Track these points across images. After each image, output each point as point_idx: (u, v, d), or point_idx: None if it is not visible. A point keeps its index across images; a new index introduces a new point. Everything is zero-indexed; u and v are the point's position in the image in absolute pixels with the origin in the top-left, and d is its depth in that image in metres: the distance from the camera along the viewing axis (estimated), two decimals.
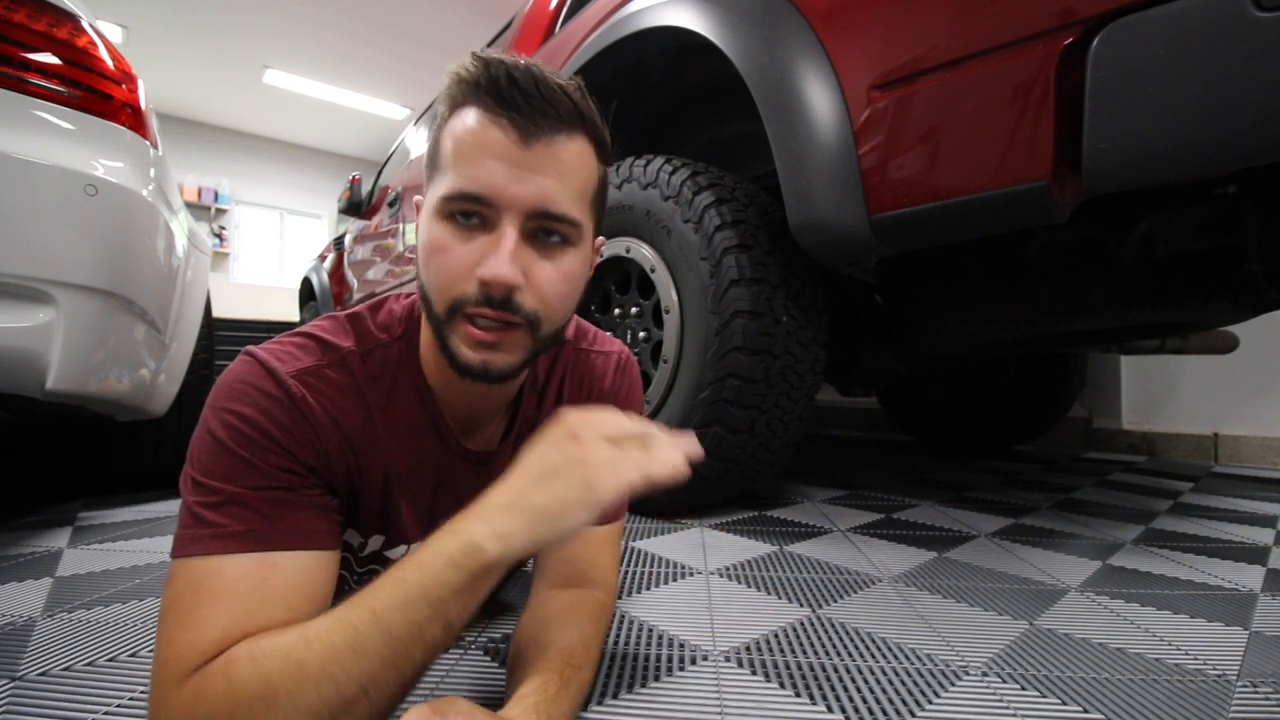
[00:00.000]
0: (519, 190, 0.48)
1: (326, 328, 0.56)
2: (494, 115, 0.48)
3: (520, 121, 0.48)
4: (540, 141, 0.48)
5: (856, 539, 1.21)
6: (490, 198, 0.48)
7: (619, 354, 0.71)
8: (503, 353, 0.50)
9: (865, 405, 3.45)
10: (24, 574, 0.98)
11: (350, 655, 0.38)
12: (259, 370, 0.49)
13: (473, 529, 0.41)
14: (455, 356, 0.50)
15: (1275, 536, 1.27)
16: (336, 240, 4.42)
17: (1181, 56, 0.74)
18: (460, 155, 0.49)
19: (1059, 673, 0.66)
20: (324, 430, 0.50)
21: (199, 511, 0.45)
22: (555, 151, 0.49)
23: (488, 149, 0.48)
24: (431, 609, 0.39)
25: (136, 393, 1.33)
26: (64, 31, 1.14)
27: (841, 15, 1.08)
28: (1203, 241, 1.18)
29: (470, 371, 0.50)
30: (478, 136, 0.48)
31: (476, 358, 0.50)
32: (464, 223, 0.49)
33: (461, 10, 5.39)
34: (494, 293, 0.48)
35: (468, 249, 0.49)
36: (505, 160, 0.47)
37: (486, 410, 0.60)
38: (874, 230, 1.05)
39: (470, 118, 0.49)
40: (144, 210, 1.23)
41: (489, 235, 0.49)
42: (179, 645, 0.41)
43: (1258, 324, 1.72)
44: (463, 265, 0.48)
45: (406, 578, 0.40)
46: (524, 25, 2.30)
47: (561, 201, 0.49)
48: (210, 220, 7.65)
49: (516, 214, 0.48)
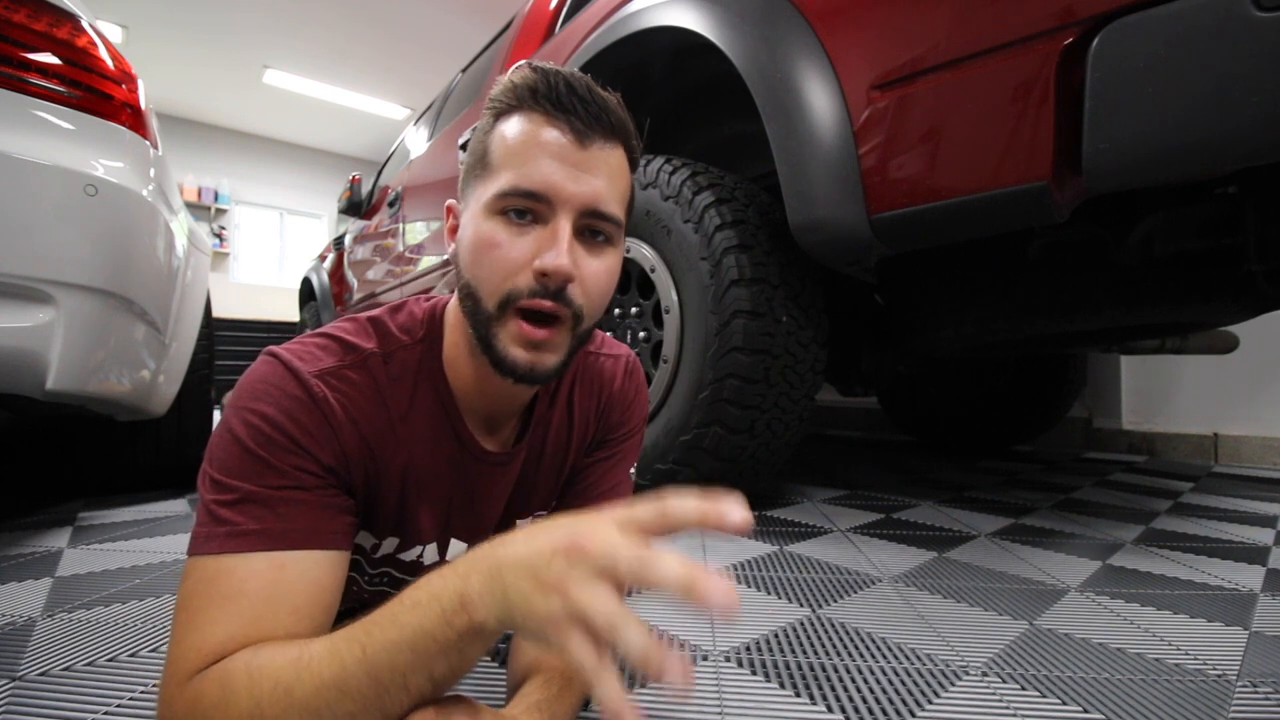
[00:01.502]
0: (575, 189, 0.50)
1: (348, 329, 0.56)
2: (552, 118, 0.50)
3: (577, 125, 0.50)
4: (593, 145, 0.51)
5: (856, 539, 1.21)
6: (548, 193, 0.49)
7: (627, 358, 0.72)
8: (549, 352, 0.52)
9: (865, 405, 3.45)
10: (24, 574, 0.98)
11: (336, 693, 0.38)
12: (282, 370, 0.49)
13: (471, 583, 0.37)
14: (504, 356, 0.51)
15: (1275, 536, 1.27)
16: (336, 240, 4.42)
17: (1182, 56, 0.74)
18: (517, 154, 0.50)
19: (1059, 673, 0.66)
20: (344, 431, 0.50)
21: (215, 509, 0.45)
22: (605, 156, 0.52)
23: (546, 149, 0.50)
24: (417, 659, 0.38)
25: (136, 393, 1.33)
26: (64, 31, 1.14)
27: (841, 15, 1.08)
28: (1203, 241, 1.18)
29: (516, 371, 0.51)
30: (535, 138, 0.50)
31: (525, 358, 0.51)
32: (517, 220, 0.50)
33: (461, 10, 5.38)
34: (551, 283, 0.49)
35: (522, 242, 0.50)
36: (562, 160, 0.50)
37: (505, 413, 0.61)
38: (874, 230, 1.05)
39: (528, 121, 0.51)
40: (144, 210, 1.23)
41: (542, 230, 0.50)
42: (185, 645, 0.42)
43: (1258, 324, 1.72)
44: (519, 258, 0.50)
45: (400, 618, 0.38)
46: (524, 25, 2.30)
47: (610, 203, 0.52)
48: (210, 220, 7.64)
49: (570, 211, 0.50)
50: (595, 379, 0.68)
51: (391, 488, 0.56)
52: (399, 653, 0.38)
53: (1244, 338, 1.90)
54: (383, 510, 0.56)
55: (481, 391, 0.57)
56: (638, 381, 0.72)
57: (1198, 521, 1.40)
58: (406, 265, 2.95)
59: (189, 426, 1.70)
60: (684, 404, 1.30)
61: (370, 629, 0.39)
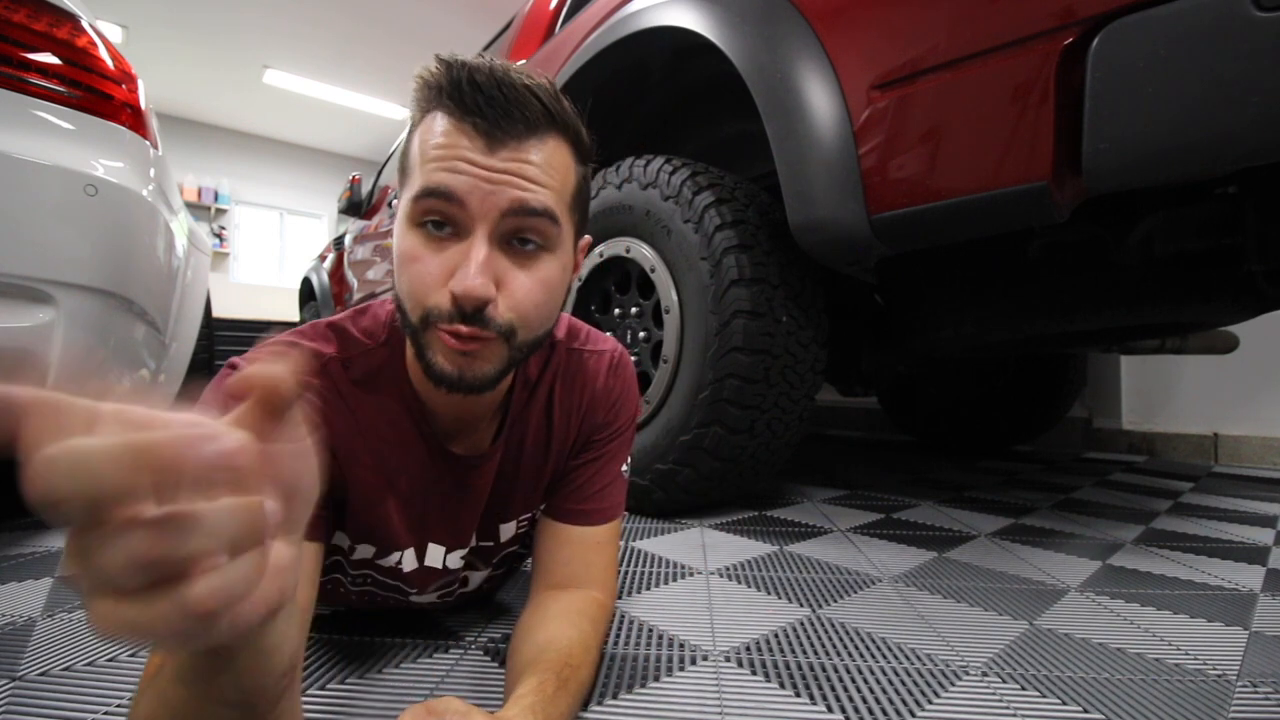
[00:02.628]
0: (486, 194, 0.46)
1: (307, 334, 0.55)
2: (458, 120, 0.47)
3: (484, 126, 0.46)
4: (507, 146, 0.47)
5: (856, 539, 1.21)
6: (459, 198, 0.46)
7: (612, 352, 0.69)
8: (479, 362, 0.49)
9: (865, 405, 3.45)
10: (24, 574, 0.98)
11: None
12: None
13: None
14: (431, 366, 0.49)
15: (1275, 536, 1.27)
16: (336, 240, 4.42)
17: (1182, 56, 0.74)
18: (429, 160, 0.47)
19: (1059, 673, 0.66)
20: None
21: None
22: (524, 154, 0.47)
23: (454, 153, 0.46)
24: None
25: (136, 393, 1.33)
26: (64, 31, 1.14)
27: (841, 15, 1.08)
28: (1203, 241, 1.18)
29: (446, 381, 0.49)
30: (444, 142, 0.47)
31: (452, 367, 0.48)
32: (435, 232, 0.48)
33: (462, 10, 5.39)
34: (465, 306, 0.46)
35: (439, 259, 0.47)
36: (471, 164, 0.46)
37: (474, 414, 0.59)
38: (874, 230, 1.05)
39: (436, 123, 0.48)
40: (144, 210, 1.23)
41: (461, 245, 0.47)
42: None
43: (1258, 324, 1.72)
44: (434, 276, 0.47)
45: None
46: (524, 25, 2.30)
47: (532, 205, 0.47)
48: (210, 220, 7.64)
49: (487, 222, 0.47)
50: (578, 376, 0.66)
51: (359, 492, 0.55)
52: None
53: (1244, 338, 1.90)
54: (353, 514, 0.56)
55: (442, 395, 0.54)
56: (624, 377, 0.69)
57: (1198, 521, 1.40)
58: None
59: None
60: (684, 404, 1.30)
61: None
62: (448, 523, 0.62)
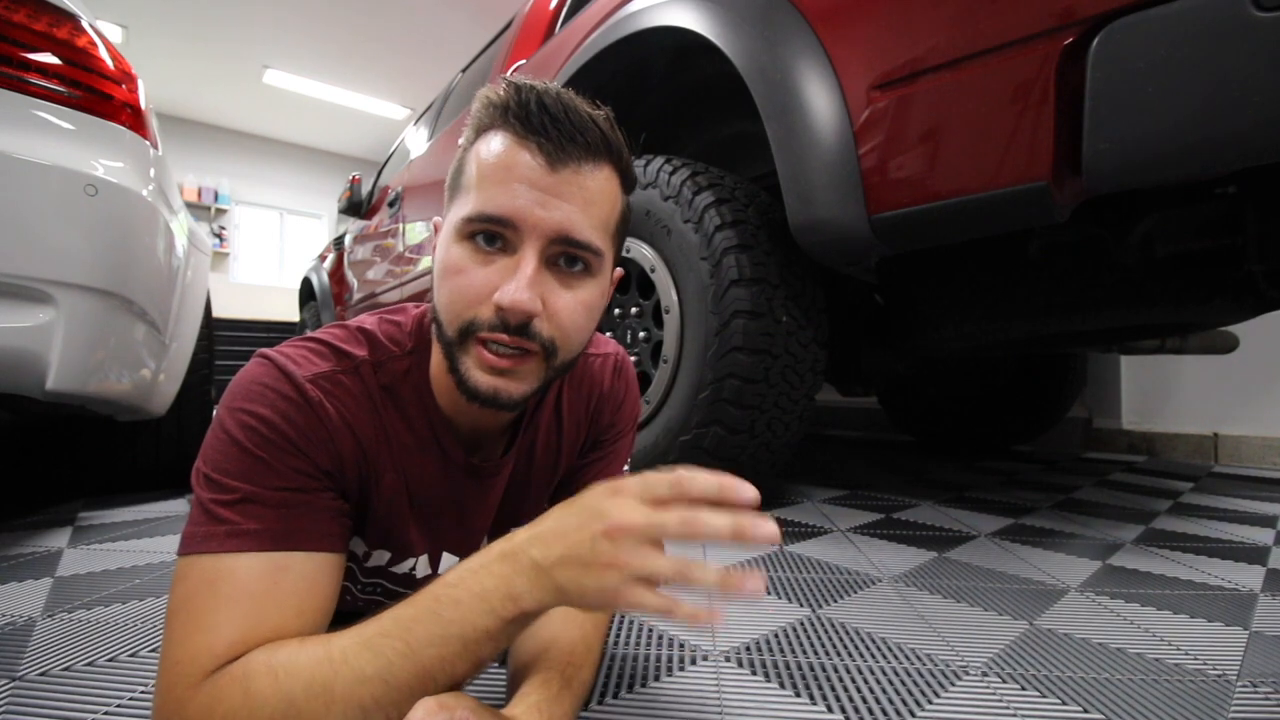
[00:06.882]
0: (543, 215, 0.47)
1: (340, 335, 0.55)
2: (522, 139, 0.48)
3: (548, 147, 0.47)
4: (567, 168, 0.48)
5: (856, 539, 1.21)
6: (514, 220, 0.47)
7: (615, 355, 0.70)
8: (516, 380, 0.49)
9: (865, 405, 3.45)
10: (24, 574, 0.98)
11: (381, 684, 0.39)
12: (275, 373, 0.49)
13: (515, 583, 0.41)
14: (465, 380, 0.49)
15: (1275, 536, 1.27)
16: (336, 240, 4.42)
17: (1182, 57, 0.74)
18: (486, 178, 0.48)
19: (1059, 673, 0.66)
20: (339, 435, 0.50)
21: (213, 508, 0.45)
22: (581, 179, 0.48)
23: (514, 172, 0.47)
24: (465, 649, 0.40)
25: (136, 393, 1.33)
26: (64, 31, 1.14)
27: (841, 15, 1.08)
28: (1203, 241, 1.18)
29: (479, 397, 0.49)
30: (504, 160, 0.48)
31: (488, 383, 0.48)
32: (484, 246, 0.48)
33: (462, 10, 5.39)
34: (510, 319, 0.47)
35: (486, 272, 0.48)
36: (531, 185, 0.47)
37: (492, 427, 0.59)
38: (874, 230, 1.05)
39: (497, 141, 0.49)
40: (144, 210, 1.23)
41: (509, 259, 0.48)
42: (191, 647, 0.41)
43: (1258, 324, 1.72)
44: (480, 288, 0.48)
45: (444, 614, 0.41)
46: (524, 25, 2.30)
47: (584, 229, 0.49)
48: (210, 220, 7.64)
49: (539, 239, 0.47)
50: (584, 380, 0.67)
51: (383, 495, 0.55)
52: (448, 645, 0.40)
53: (1244, 338, 1.90)
54: (374, 517, 0.56)
55: (463, 407, 0.55)
56: (627, 379, 0.70)
57: (1198, 521, 1.40)
58: (406, 265, 2.95)
59: (189, 426, 1.70)
60: (684, 404, 1.30)
61: (410, 625, 0.41)
62: (461, 531, 0.62)
